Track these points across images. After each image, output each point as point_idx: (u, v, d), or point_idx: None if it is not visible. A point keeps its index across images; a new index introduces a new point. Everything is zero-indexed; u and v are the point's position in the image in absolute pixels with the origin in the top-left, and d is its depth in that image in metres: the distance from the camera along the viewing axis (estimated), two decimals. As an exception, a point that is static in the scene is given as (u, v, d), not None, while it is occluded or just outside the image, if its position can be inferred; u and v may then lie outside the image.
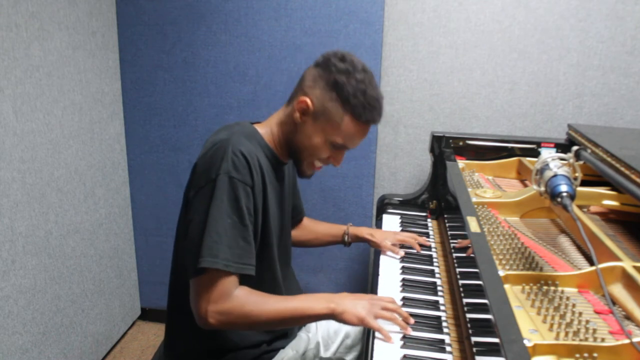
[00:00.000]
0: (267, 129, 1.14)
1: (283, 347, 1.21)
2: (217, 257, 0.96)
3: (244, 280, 1.03)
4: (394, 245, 1.43)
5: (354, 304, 1.04)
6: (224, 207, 0.98)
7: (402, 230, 1.57)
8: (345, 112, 1.05)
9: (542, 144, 1.66)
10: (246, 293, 1.02)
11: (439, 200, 1.70)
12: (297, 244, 1.47)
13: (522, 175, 1.62)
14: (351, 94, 1.03)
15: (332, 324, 1.34)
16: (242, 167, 0.99)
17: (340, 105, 1.05)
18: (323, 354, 1.30)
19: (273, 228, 1.12)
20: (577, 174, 1.06)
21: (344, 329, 1.33)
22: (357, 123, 1.06)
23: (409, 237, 1.46)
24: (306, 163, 1.13)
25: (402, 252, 1.41)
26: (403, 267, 1.35)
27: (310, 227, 1.50)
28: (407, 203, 1.75)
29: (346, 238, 1.47)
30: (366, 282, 2.11)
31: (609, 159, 1.25)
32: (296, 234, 1.46)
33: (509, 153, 1.67)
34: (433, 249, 1.46)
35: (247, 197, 1.00)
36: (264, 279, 1.11)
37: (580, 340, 0.79)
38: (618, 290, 0.91)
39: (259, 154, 1.06)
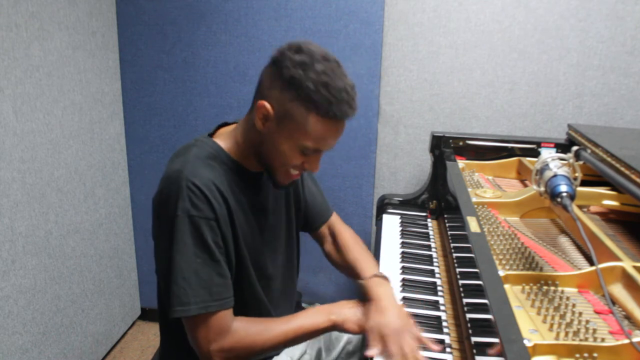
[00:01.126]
0: (231, 142, 1.05)
1: (277, 354, 1.20)
2: (188, 304, 0.92)
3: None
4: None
5: (354, 312, 1.02)
6: (188, 249, 0.92)
7: (401, 231, 1.57)
8: (309, 111, 0.91)
9: (542, 144, 1.66)
10: (245, 325, 0.99)
11: (439, 200, 1.70)
12: (334, 263, 1.30)
13: (522, 175, 1.62)
14: (312, 90, 0.89)
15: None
16: (201, 202, 0.92)
17: (302, 104, 0.90)
18: (325, 359, 1.30)
19: (249, 251, 1.05)
20: (577, 174, 1.06)
21: (346, 334, 1.32)
22: (325, 121, 0.92)
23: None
24: (279, 173, 1.01)
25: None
26: (403, 267, 1.35)
27: (346, 252, 1.25)
28: (407, 203, 1.75)
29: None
30: (366, 282, 2.11)
31: (609, 159, 1.25)
32: (330, 249, 1.30)
33: (509, 153, 1.67)
34: (433, 249, 1.46)
35: (212, 231, 0.94)
36: (247, 302, 1.08)
37: (580, 340, 0.79)
38: (618, 290, 0.91)
39: (219, 179, 0.97)
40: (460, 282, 1.12)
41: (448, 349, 1.02)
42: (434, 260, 1.40)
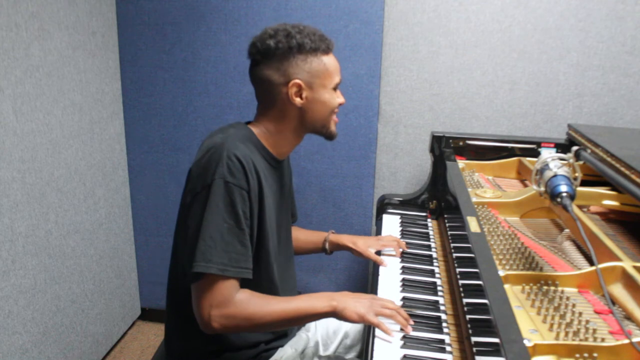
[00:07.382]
0: (261, 129, 1.13)
1: (282, 346, 1.22)
2: (210, 261, 0.96)
3: (242, 283, 1.03)
4: (378, 252, 1.39)
5: (355, 301, 1.06)
6: (219, 212, 0.98)
7: (401, 231, 1.58)
8: (319, 57, 1.08)
9: (542, 144, 1.66)
10: (248, 296, 1.02)
11: (439, 200, 1.70)
12: (302, 248, 1.45)
13: (522, 175, 1.62)
14: (306, 42, 1.06)
15: (331, 324, 1.34)
16: (238, 171, 0.99)
17: (313, 56, 1.08)
18: (322, 353, 1.30)
19: (270, 230, 1.11)
20: (577, 174, 1.06)
21: (343, 328, 1.33)
22: (329, 56, 1.11)
23: (391, 242, 1.43)
24: (331, 124, 1.15)
25: (386, 263, 1.36)
26: (403, 267, 1.35)
27: (293, 235, 1.41)
28: (407, 203, 1.75)
29: (326, 245, 1.43)
30: (366, 282, 2.11)
31: (609, 159, 1.25)
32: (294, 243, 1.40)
33: (509, 153, 1.67)
34: (433, 249, 1.46)
35: (243, 201, 1.00)
36: (261, 281, 1.11)
37: (580, 340, 0.79)
38: (618, 290, 0.91)
39: (255, 157, 1.05)
40: (460, 282, 1.12)
41: (448, 349, 1.03)
42: (434, 260, 1.40)
